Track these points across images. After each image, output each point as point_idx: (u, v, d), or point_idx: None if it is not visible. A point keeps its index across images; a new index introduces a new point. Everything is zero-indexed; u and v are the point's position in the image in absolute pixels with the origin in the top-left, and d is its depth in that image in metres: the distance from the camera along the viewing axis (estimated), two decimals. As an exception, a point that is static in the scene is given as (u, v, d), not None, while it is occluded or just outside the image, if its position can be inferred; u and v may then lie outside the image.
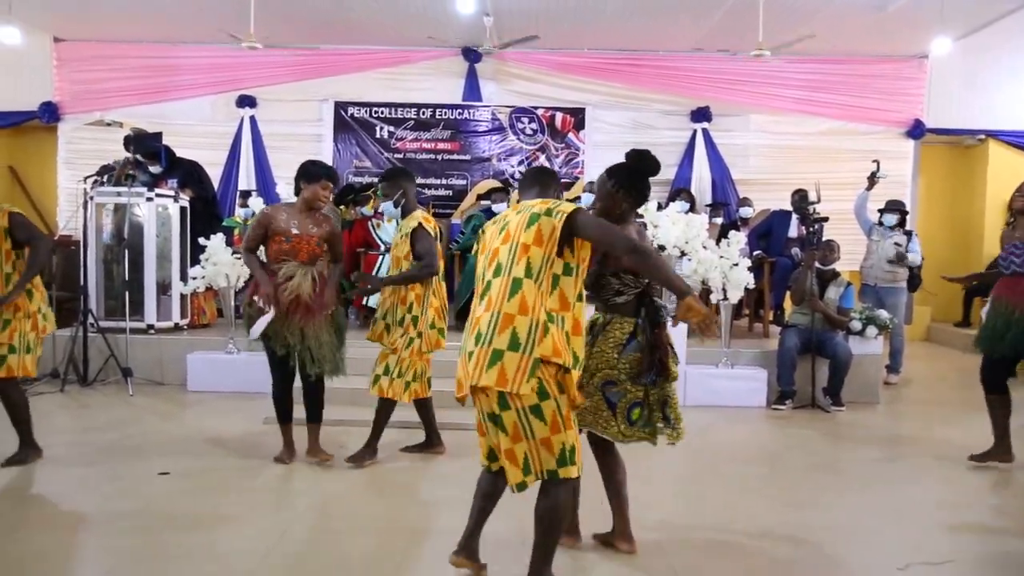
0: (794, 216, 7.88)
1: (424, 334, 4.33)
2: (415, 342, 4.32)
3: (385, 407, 4.41)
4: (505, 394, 2.58)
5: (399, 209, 4.46)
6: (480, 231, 2.94)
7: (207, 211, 7.57)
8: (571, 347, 2.64)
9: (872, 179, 7.09)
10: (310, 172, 4.25)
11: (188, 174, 7.53)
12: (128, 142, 7.34)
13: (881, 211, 7.29)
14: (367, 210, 7.85)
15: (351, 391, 5.17)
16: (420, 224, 4.33)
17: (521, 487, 2.68)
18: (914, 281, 7.15)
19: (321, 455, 4.41)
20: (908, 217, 7.53)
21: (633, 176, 3.10)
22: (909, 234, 7.21)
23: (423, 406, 4.59)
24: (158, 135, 7.50)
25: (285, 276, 4.12)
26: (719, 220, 8.47)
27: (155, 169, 7.32)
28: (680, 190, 8.81)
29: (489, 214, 7.93)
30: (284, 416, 4.40)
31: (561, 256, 2.62)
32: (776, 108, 9.75)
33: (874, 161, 7.10)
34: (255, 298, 4.15)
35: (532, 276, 2.60)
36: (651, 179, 3.15)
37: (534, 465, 2.65)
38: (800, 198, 7.78)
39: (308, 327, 4.15)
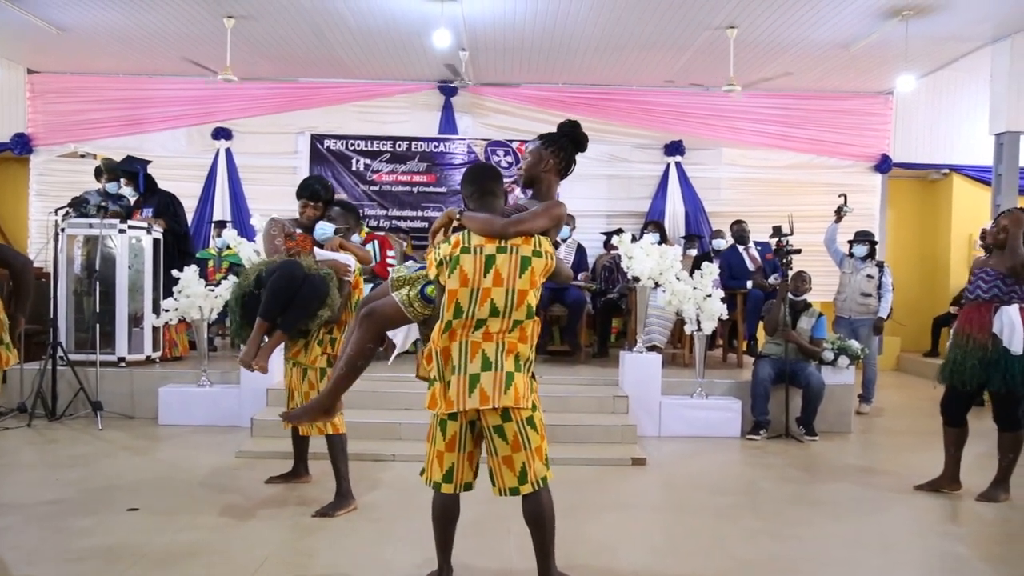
0: (739, 247, 8.01)
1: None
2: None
3: (339, 443, 4.16)
4: (509, 409, 2.78)
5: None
6: (452, 258, 2.87)
7: (178, 246, 7.48)
8: None
9: (839, 213, 7.24)
10: (298, 190, 4.38)
11: (165, 205, 7.42)
12: (99, 171, 7.28)
13: (851, 242, 7.43)
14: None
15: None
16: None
17: (513, 492, 2.85)
18: (877, 324, 7.26)
19: (262, 364, 4.12)
20: (877, 247, 7.67)
21: (562, 139, 3.09)
22: (881, 265, 7.35)
23: (306, 438, 4.56)
24: (145, 161, 7.49)
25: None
26: (693, 252, 8.59)
27: (128, 191, 7.26)
28: (648, 222, 8.93)
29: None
30: None
31: None
32: (747, 142, 9.93)
33: (840, 195, 7.25)
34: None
35: (531, 315, 2.85)
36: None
37: (531, 475, 2.83)
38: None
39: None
